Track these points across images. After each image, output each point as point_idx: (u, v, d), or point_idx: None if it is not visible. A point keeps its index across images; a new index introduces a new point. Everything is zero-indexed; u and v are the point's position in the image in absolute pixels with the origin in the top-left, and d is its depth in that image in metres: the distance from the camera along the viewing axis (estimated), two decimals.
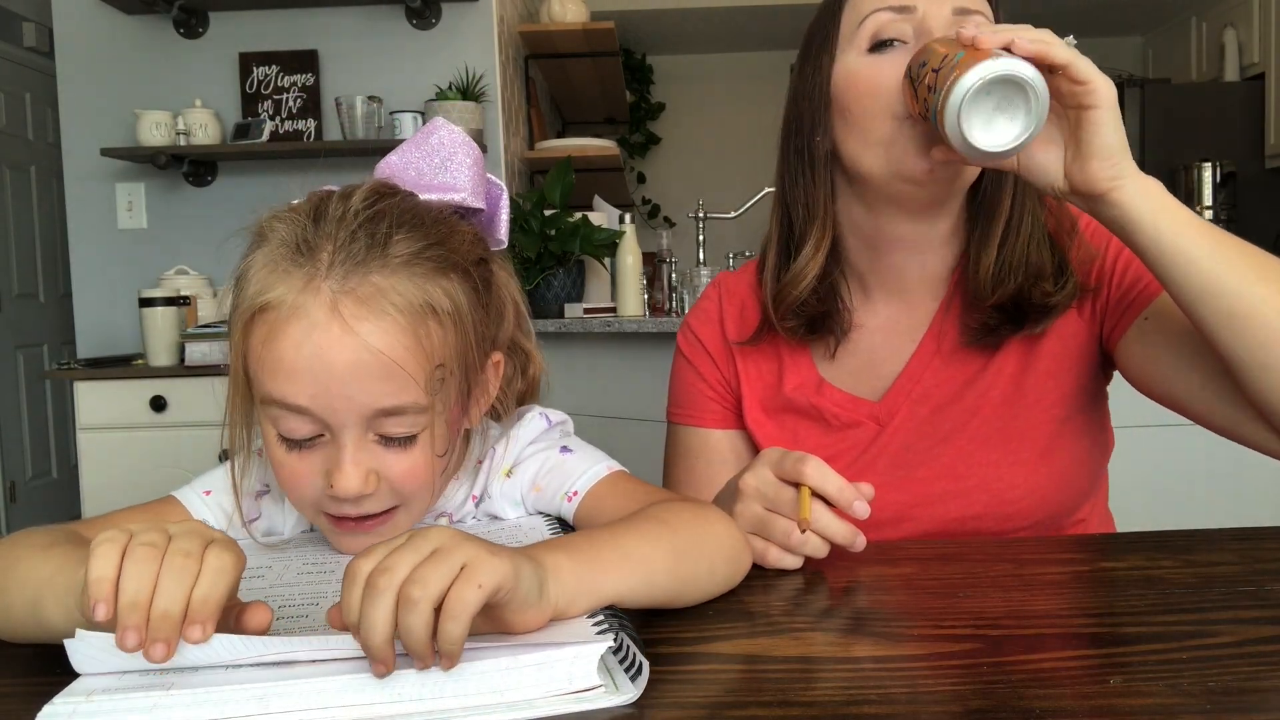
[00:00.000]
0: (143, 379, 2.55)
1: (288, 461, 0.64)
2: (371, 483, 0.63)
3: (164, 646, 0.44)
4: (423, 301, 0.61)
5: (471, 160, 0.69)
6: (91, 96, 3.00)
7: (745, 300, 0.99)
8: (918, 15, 0.79)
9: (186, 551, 0.45)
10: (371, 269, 0.60)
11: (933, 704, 0.46)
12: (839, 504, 0.69)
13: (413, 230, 0.63)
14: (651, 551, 0.57)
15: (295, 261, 0.61)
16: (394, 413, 0.62)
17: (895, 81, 0.79)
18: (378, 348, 0.59)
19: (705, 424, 0.99)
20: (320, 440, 0.63)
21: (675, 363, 1.04)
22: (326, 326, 0.59)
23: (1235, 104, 4.14)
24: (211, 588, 0.45)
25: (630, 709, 0.46)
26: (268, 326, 0.60)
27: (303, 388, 0.60)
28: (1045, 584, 0.65)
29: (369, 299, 0.60)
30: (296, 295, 0.60)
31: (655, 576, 0.57)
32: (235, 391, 0.65)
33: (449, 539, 0.46)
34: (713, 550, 0.63)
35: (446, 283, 0.63)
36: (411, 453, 0.64)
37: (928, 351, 0.91)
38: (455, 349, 0.64)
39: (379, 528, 0.67)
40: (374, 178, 0.68)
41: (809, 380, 0.94)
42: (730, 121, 5.67)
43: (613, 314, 2.63)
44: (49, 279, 4.38)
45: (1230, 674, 0.48)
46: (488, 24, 3.04)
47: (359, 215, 0.62)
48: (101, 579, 0.44)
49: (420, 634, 0.43)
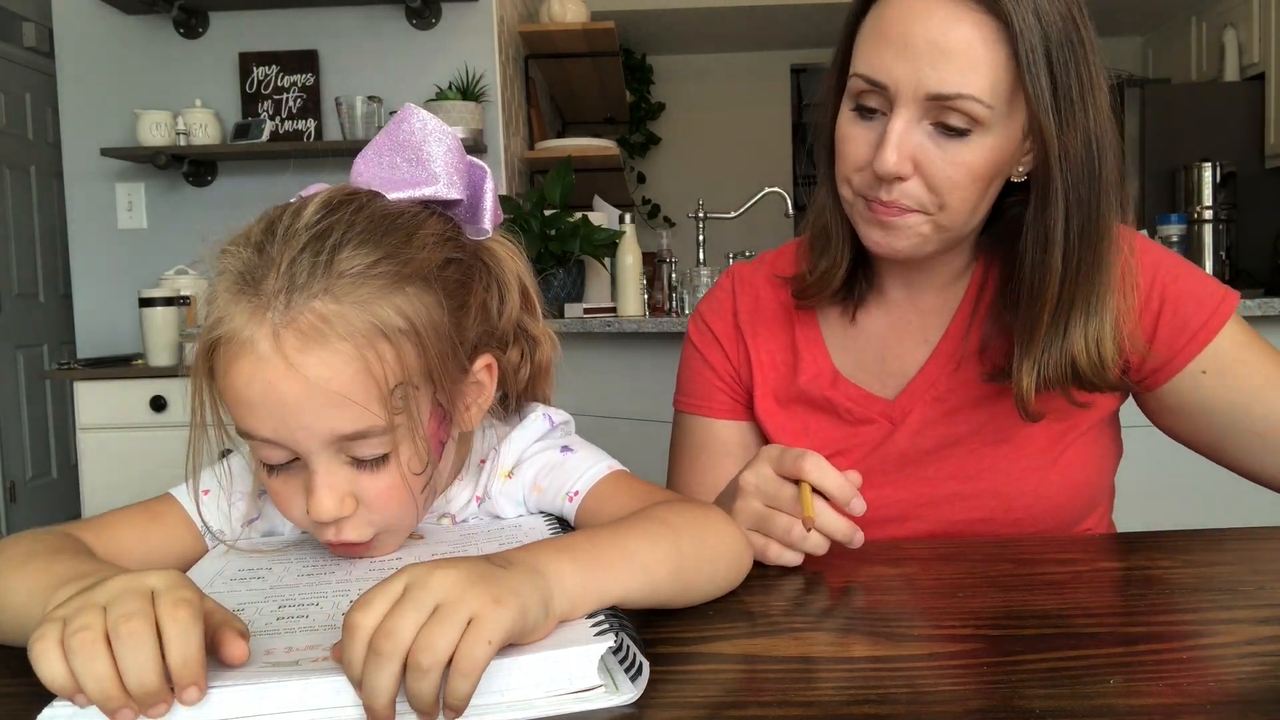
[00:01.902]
0: (143, 379, 2.55)
1: (273, 485, 0.65)
2: (348, 505, 0.62)
3: (163, 706, 0.43)
4: (368, 326, 0.59)
5: (445, 148, 0.66)
6: (91, 96, 3.00)
7: (760, 291, 0.99)
8: (889, 93, 0.78)
9: (129, 615, 0.43)
10: (314, 294, 0.58)
11: (933, 704, 0.46)
12: (838, 500, 0.69)
13: (362, 245, 0.60)
14: (654, 553, 0.57)
15: (243, 291, 0.59)
16: (355, 437, 0.61)
17: (864, 157, 0.80)
18: (322, 380, 0.58)
19: (712, 414, 0.99)
20: (297, 464, 0.63)
21: (685, 350, 1.03)
22: (272, 360, 0.58)
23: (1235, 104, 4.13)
24: (185, 648, 0.43)
25: (630, 709, 0.46)
26: (224, 358, 0.60)
27: (262, 421, 0.59)
28: (1045, 584, 0.64)
29: (310, 330, 0.58)
30: (243, 327, 0.59)
31: (658, 578, 0.57)
32: (199, 411, 0.64)
33: (451, 588, 0.44)
34: (715, 552, 0.63)
35: (400, 299, 0.61)
36: (385, 473, 0.63)
37: (945, 354, 0.90)
38: (417, 365, 0.62)
39: (366, 551, 0.66)
40: (332, 186, 0.66)
41: (824, 372, 0.93)
42: (730, 121, 5.67)
43: (613, 314, 2.62)
44: (49, 279, 4.38)
45: (1230, 674, 0.48)
46: (488, 24, 3.05)
47: (308, 231, 0.60)
48: (58, 684, 0.43)
49: (430, 700, 0.43)
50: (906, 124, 0.77)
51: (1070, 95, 0.77)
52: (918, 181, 0.79)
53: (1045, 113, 0.76)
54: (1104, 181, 0.79)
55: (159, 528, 0.70)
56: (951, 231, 0.82)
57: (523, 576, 0.48)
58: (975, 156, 0.77)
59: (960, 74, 0.74)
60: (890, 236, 0.82)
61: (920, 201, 0.79)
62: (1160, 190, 4.03)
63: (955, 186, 0.78)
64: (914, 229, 0.81)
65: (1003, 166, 0.80)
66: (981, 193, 0.80)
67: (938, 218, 0.80)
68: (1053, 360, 0.81)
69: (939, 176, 0.78)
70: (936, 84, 0.75)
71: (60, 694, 0.43)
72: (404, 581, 0.45)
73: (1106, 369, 0.81)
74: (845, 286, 0.92)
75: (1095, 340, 0.81)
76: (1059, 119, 0.76)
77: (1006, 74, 0.75)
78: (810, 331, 0.95)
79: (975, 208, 0.81)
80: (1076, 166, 0.78)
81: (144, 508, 0.71)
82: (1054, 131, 0.76)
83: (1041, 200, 0.80)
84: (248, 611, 0.56)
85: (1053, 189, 0.78)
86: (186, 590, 0.45)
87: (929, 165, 0.78)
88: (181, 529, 0.71)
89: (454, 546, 0.68)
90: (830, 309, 0.95)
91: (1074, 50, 0.77)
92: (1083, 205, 0.79)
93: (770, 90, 5.73)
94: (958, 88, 0.75)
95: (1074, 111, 0.77)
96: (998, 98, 0.75)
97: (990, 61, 0.75)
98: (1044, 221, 0.80)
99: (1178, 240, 2.91)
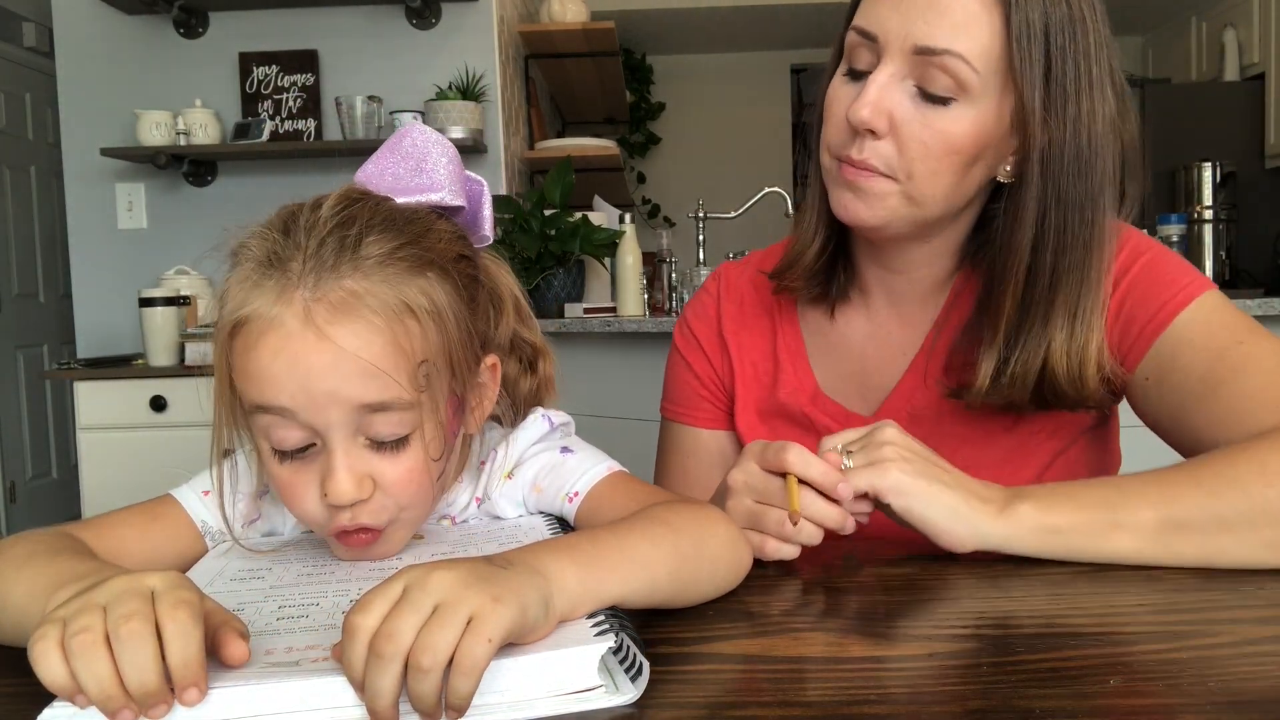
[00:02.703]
0: (143, 379, 2.55)
1: (283, 475, 0.64)
2: (366, 487, 0.62)
3: (164, 707, 0.43)
4: (398, 301, 0.61)
5: (447, 159, 0.68)
6: (91, 96, 3.00)
7: (745, 295, 0.98)
8: (878, 45, 0.77)
9: (129, 615, 0.43)
10: (343, 273, 0.60)
11: (933, 704, 0.46)
12: (824, 488, 0.69)
13: (384, 231, 0.62)
14: (654, 553, 0.57)
15: (268, 275, 0.60)
16: (380, 409, 0.61)
17: (845, 115, 0.78)
18: (354, 350, 0.59)
19: (696, 423, 0.98)
20: (312, 450, 0.63)
21: (670, 357, 1.02)
22: (302, 335, 0.59)
23: (1235, 104, 4.13)
24: (185, 650, 0.43)
25: (630, 709, 0.46)
26: (246, 340, 0.60)
27: (283, 388, 0.60)
28: (1045, 584, 0.64)
29: (341, 304, 0.59)
30: (270, 307, 0.59)
31: (657, 578, 0.57)
32: (221, 402, 0.64)
33: (450, 588, 0.44)
34: (714, 552, 0.63)
35: (423, 281, 0.63)
36: (405, 456, 0.63)
37: (919, 371, 0.88)
38: (438, 346, 0.63)
39: (375, 544, 0.66)
40: (345, 185, 0.68)
41: (805, 386, 0.92)
42: (730, 121, 5.67)
43: (613, 314, 2.63)
44: (49, 279, 4.38)
45: (1230, 674, 0.48)
46: (488, 24, 3.05)
47: (329, 222, 0.62)
48: (58, 685, 0.43)
49: (433, 700, 0.43)
50: (890, 77, 0.76)
51: (1063, 84, 0.75)
52: (890, 143, 0.77)
53: (1031, 89, 0.74)
54: (1095, 186, 0.77)
55: (159, 527, 0.70)
56: (921, 210, 0.79)
57: (523, 576, 0.48)
58: (953, 126, 0.76)
59: (951, 30, 0.73)
60: (858, 202, 0.80)
61: (889, 164, 0.77)
62: (1160, 190, 4.02)
63: (928, 154, 0.76)
64: (881, 197, 0.79)
65: (982, 148, 0.77)
66: (955, 171, 0.78)
67: (906, 187, 0.78)
68: (1023, 358, 0.78)
69: (913, 141, 0.76)
70: (925, 36, 0.74)
71: (60, 694, 0.43)
72: (403, 583, 0.45)
73: (1087, 384, 0.78)
74: (824, 277, 0.90)
75: (1078, 350, 0.78)
76: (1046, 104, 0.75)
77: (999, 44, 0.74)
78: (792, 339, 0.94)
79: (948, 187, 0.79)
80: (1060, 161, 0.76)
81: (143, 508, 0.71)
82: (1038, 115, 0.75)
83: (1018, 182, 0.79)
84: (248, 611, 0.56)
85: (1029, 173, 0.77)
86: (186, 591, 0.45)
87: (904, 126, 0.76)
88: (181, 529, 0.71)
89: (454, 547, 0.68)
90: (811, 310, 0.93)
91: (1075, 39, 0.75)
92: (1065, 203, 0.77)
93: (770, 90, 5.73)
94: (946, 43, 0.74)
95: (1065, 102, 0.75)
96: (986, 66, 0.74)
97: (984, 25, 0.73)
98: (1015, 202, 0.78)
99: (1178, 240, 2.91)
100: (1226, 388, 0.75)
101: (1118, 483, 0.70)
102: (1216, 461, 0.68)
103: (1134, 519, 0.67)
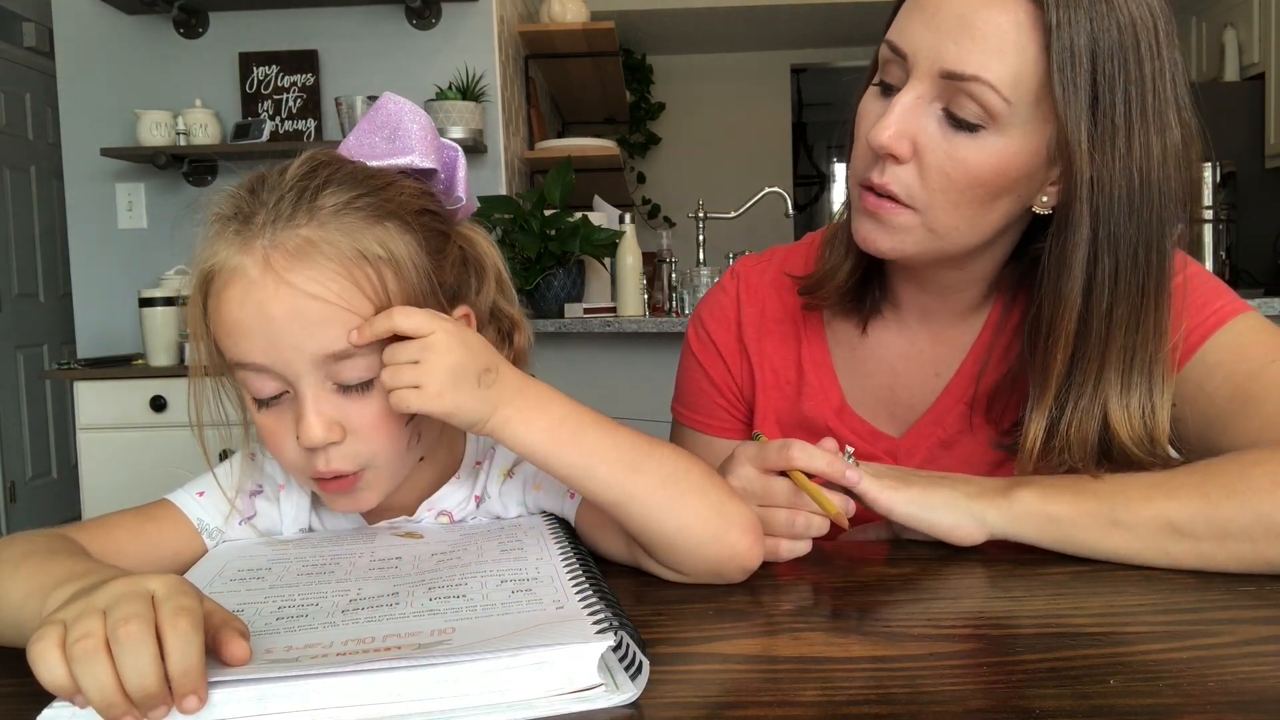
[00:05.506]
0: (143, 379, 2.55)
1: (263, 422, 0.67)
2: (336, 432, 0.65)
3: (164, 709, 0.43)
4: (352, 249, 0.63)
5: (419, 126, 0.71)
6: (91, 96, 3.00)
7: (767, 298, 0.92)
8: (907, 64, 0.72)
9: (127, 618, 0.43)
10: (299, 223, 0.63)
11: (933, 704, 0.46)
12: (833, 477, 0.69)
13: (343, 184, 0.65)
14: (619, 438, 0.63)
15: (232, 227, 0.64)
16: (343, 356, 0.63)
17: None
18: (312, 293, 0.62)
19: (710, 431, 0.94)
20: (286, 397, 0.65)
21: (684, 358, 0.97)
22: (262, 281, 0.62)
23: (1235, 104, 4.13)
24: (185, 658, 0.43)
25: (630, 709, 0.46)
26: (216, 294, 0.64)
27: (255, 344, 0.63)
28: (1045, 584, 0.65)
29: (298, 250, 0.62)
30: (233, 256, 0.63)
31: (610, 463, 0.62)
32: (197, 349, 0.68)
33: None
34: (685, 485, 0.63)
35: (380, 231, 0.65)
36: (371, 400, 0.65)
37: (955, 393, 0.85)
38: (399, 294, 0.65)
39: (355, 489, 0.67)
40: (316, 149, 0.71)
41: (831, 400, 0.88)
42: (730, 121, 5.67)
43: (613, 314, 2.63)
44: (49, 279, 4.38)
45: (1230, 674, 0.48)
46: (488, 24, 3.05)
47: (295, 179, 0.65)
48: (58, 685, 0.43)
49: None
50: (915, 99, 0.71)
51: (1112, 116, 0.68)
52: (913, 169, 0.72)
53: (1075, 121, 0.68)
54: (1152, 226, 0.71)
55: (154, 528, 0.70)
56: (944, 241, 0.75)
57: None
58: (979, 156, 0.70)
59: (983, 55, 0.67)
60: (878, 232, 0.75)
61: (910, 191, 0.72)
62: None
63: (949, 185, 0.71)
64: (903, 231, 0.74)
65: (1011, 180, 0.71)
66: (979, 203, 0.72)
67: (927, 219, 0.73)
68: (1077, 420, 0.72)
69: (934, 169, 0.71)
70: (954, 60, 0.68)
71: (60, 695, 0.43)
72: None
73: (1159, 444, 0.72)
74: (856, 295, 0.86)
75: (1141, 410, 0.72)
76: (1093, 137, 0.68)
77: (1038, 71, 0.68)
78: (818, 350, 0.89)
79: (970, 219, 0.73)
80: (1110, 199, 0.70)
81: (138, 511, 0.71)
82: (1084, 151, 0.68)
83: (1062, 221, 0.72)
84: (248, 611, 0.56)
85: (1075, 212, 0.70)
86: (186, 597, 0.45)
87: (927, 153, 0.71)
88: (177, 529, 0.71)
89: (454, 546, 0.68)
90: (840, 322, 0.89)
91: (1127, 67, 0.68)
92: (1117, 245, 0.70)
93: (770, 90, 5.73)
94: (976, 69, 0.68)
95: (1115, 134, 0.68)
96: (1020, 95, 0.68)
97: (1020, 51, 0.67)
98: (1061, 245, 0.72)
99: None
100: (1258, 405, 0.72)
101: (1123, 480, 0.70)
102: (1227, 470, 0.68)
103: (1133, 518, 0.67)
